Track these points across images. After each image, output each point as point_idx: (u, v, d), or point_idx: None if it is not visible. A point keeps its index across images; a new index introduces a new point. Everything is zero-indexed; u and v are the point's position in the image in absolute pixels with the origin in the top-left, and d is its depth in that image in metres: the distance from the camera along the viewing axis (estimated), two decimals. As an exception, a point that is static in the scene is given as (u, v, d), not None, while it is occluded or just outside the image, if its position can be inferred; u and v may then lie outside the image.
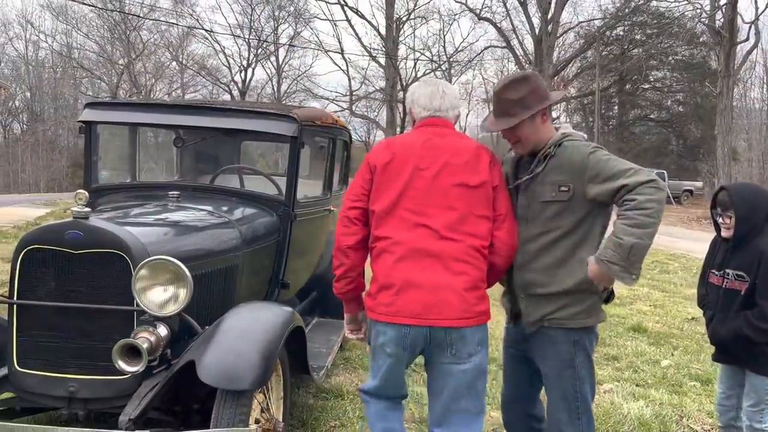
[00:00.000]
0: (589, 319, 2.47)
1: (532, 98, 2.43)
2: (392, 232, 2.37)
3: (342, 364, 4.74)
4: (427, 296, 2.30)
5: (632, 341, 5.77)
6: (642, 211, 2.19)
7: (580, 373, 2.50)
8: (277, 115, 3.70)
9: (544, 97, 2.48)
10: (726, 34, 21.49)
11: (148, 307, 2.52)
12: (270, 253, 3.68)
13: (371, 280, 2.47)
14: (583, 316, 2.45)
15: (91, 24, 40.28)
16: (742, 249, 2.87)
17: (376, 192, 2.43)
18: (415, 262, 2.33)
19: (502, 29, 34.61)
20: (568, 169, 2.40)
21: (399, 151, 2.44)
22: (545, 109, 2.49)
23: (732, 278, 2.90)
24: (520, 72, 2.92)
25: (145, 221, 3.11)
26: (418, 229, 2.35)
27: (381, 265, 2.38)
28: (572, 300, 2.43)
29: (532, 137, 2.48)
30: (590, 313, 2.46)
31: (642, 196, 2.19)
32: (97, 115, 3.74)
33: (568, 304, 2.44)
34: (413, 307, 2.31)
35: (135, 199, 3.62)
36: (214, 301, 3.09)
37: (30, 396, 2.63)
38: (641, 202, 2.19)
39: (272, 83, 42.91)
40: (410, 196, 2.38)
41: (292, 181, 3.70)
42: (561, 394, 2.52)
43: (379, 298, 2.37)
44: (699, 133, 35.65)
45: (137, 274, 2.50)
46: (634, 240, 2.19)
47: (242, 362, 2.39)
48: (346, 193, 2.56)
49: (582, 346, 2.50)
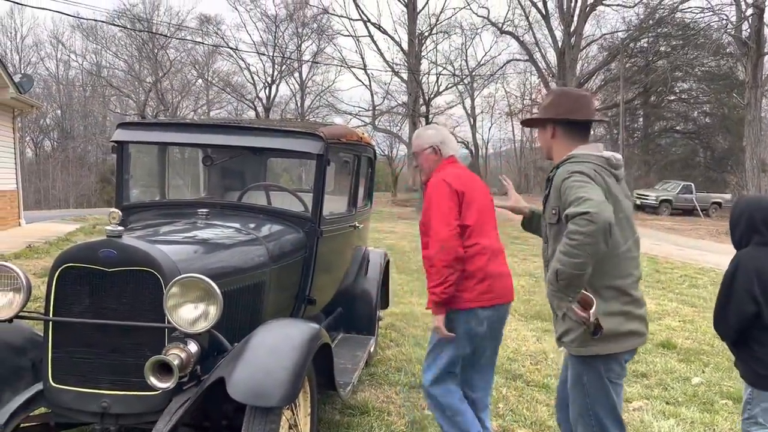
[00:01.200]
0: (584, 349, 2.47)
1: (546, 108, 2.64)
2: (479, 240, 3.13)
3: (368, 380, 4.75)
4: (507, 282, 3.25)
5: (661, 358, 5.68)
6: (568, 240, 2.24)
7: (589, 391, 2.53)
8: (303, 134, 3.76)
9: (553, 111, 2.58)
10: (753, 45, 21.21)
11: (179, 324, 2.56)
12: (297, 270, 3.71)
13: (465, 277, 3.08)
14: (577, 344, 2.48)
15: (120, 43, 41.25)
16: None
17: (465, 211, 3.13)
18: (496, 259, 3.20)
19: (524, 43, 34.60)
20: (556, 193, 2.48)
21: (467, 182, 3.23)
22: (556, 126, 2.59)
23: None
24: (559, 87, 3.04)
25: (176, 239, 3.16)
26: (490, 235, 3.22)
27: (477, 264, 3.10)
28: (571, 325, 2.49)
29: (543, 145, 2.71)
30: (583, 343, 2.45)
31: (573, 225, 2.23)
32: (129, 135, 3.84)
33: (569, 330, 2.51)
34: (505, 291, 3.20)
35: (164, 216, 3.69)
36: (243, 318, 3.13)
37: (64, 411, 2.68)
38: (570, 231, 2.24)
39: (296, 99, 43.41)
40: (482, 212, 3.20)
41: (319, 198, 3.74)
42: (577, 411, 2.60)
43: (478, 288, 3.09)
44: (727, 145, 35.12)
45: (168, 292, 2.54)
46: (558, 266, 2.28)
47: (271, 379, 2.42)
48: (445, 214, 3.06)
49: (591, 367, 2.50)
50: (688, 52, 30.11)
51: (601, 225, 2.17)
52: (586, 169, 2.41)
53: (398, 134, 38.77)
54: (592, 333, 2.39)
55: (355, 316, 4.90)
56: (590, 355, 2.47)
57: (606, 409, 2.53)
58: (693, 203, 28.60)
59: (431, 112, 33.21)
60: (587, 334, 2.41)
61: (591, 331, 2.38)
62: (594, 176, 2.40)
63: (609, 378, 2.51)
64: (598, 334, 2.38)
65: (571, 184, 2.36)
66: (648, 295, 9.12)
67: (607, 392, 2.52)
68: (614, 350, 2.47)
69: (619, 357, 2.52)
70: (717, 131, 36.20)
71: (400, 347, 5.69)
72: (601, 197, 2.27)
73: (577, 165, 2.44)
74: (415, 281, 9.26)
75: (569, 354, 2.59)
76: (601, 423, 2.53)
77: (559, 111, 2.58)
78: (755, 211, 2.92)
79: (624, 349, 2.50)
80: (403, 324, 6.57)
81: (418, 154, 3.41)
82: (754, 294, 2.80)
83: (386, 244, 13.13)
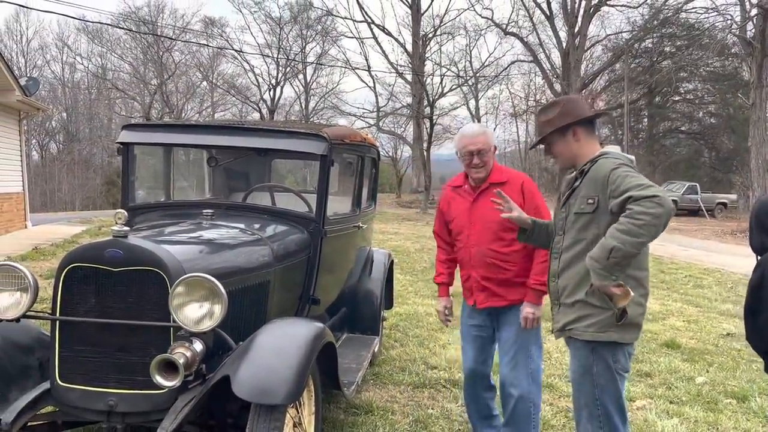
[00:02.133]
0: (602, 334, 2.55)
1: (558, 118, 2.68)
2: None
3: (372, 380, 4.77)
4: None
5: (665, 357, 5.68)
6: (633, 219, 2.29)
7: (598, 381, 2.59)
8: (307, 135, 3.78)
9: (571, 116, 2.66)
10: (758, 45, 21.13)
11: (185, 323, 2.59)
12: (301, 270, 3.74)
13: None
14: (596, 329, 2.55)
15: (125, 46, 41.42)
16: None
17: None
18: None
19: (528, 43, 34.62)
20: (595, 184, 2.55)
21: None
22: (576, 128, 2.67)
23: None
24: (555, 98, 3.07)
25: (181, 239, 3.19)
26: None
27: None
28: (589, 311, 2.57)
29: (566, 153, 2.72)
30: (603, 328, 2.54)
31: (639, 207, 2.29)
32: (134, 137, 3.87)
33: (584, 316, 2.58)
34: None
35: (170, 217, 3.72)
36: (247, 317, 3.16)
37: (71, 410, 2.71)
38: (636, 212, 2.29)
39: (300, 101, 43.51)
40: None
41: (323, 199, 3.77)
42: (583, 401, 2.64)
43: None
44: (732, 145, 35.02)
45: (174, 291, 2.57)
46: (615, 243, 2.31)
47: (276, 377, 2.44)
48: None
49: (601, 357, 2.58)
50: (692, 53, 30.10)
51: (668, 209, 2.27)
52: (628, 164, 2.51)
53: (402, 136, 38.81)
54: (618, 317, 2.45)
55: (360, 317, 4.92)
56: (608, 341, 2.54)
57: (612, 399, 2.59)
58: (698, 204, 28.53)
59: (435, 114, 33.24)
60: (612, 318, 2.48)
61: (618, 315, 2.44)
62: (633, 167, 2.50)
63: (617, 370, 2.58)
64: (623, 320, 2.45)
65: (624, 173, 2.43)
66: (652, 295, 9.10)
67: (615, 382, 2.59)
68: (628, 339, 2.57)
69: (626, 348, 2.60)
70: (722, 131, 36.12)
71: (404, 347, 5.71)
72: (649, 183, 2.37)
73: (617, 161, 2.53)
74: (418, 282, 9.28)
75: (577, 343, 2.64)
76: (607, 412, 2.60)
77: (576, 113, 2.67)
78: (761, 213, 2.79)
79: (633, 339, 2.61)
80: (407, 324, 6.59)
81: (485, 151, 3.30)
82: None
83: (391, 245, 13.15)
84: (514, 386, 3.32)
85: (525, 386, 3.30)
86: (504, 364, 3.37)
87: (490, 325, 3.45)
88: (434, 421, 4.02)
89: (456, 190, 3.49)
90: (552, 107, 2.73)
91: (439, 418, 4.08)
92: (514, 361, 3.33)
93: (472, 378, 3.54)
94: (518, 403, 3.31)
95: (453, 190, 3.52)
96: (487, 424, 3.61)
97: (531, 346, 3.34)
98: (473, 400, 3.60)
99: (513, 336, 3.32)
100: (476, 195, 3.36)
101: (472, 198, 3.37)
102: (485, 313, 3.42)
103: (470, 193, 3.39)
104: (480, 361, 3.50)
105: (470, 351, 3.52)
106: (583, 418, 2.66)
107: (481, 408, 3.60)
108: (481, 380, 3.56)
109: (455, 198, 3.49)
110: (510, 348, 3.34)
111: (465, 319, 3.56)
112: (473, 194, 3.37)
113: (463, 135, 3.36)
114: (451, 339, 6.00)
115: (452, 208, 3.49)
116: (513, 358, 3.33)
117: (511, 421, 3.37)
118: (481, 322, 3.46)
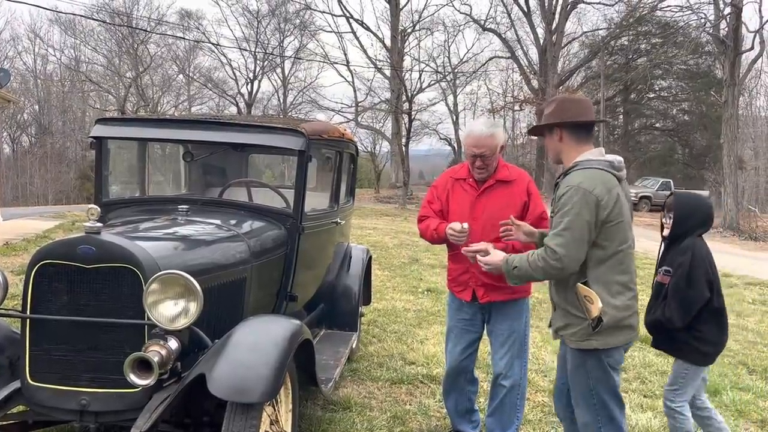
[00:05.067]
0: (584, 343, 2.62)
1: (552, 114, 2.73)
2: None
3: (350, 376, 4.76)
4: None
5: (639, 352, 5.76)
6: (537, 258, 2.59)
7: (591, 374, 2.66)
8: (285, 130, 3.75)
9: (557, 117, 2.70)
10: (731, 44, 21.47)
11: (159, 320, 2.55)
12: (278, 266, 3.71)
13: None
14: (577, 338, 2.64)
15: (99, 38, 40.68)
16: (673, 247, 3.23)
17: None
18: None
19: (506, 40, 34.79)
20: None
21: None
22: (561, 130, 2.70)
23: (662, 273, 3.25)
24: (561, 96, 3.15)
25: (156, 235, 3.14)
26: None
27: None
28: (570, 320, 2.67)
29: (551, 149, 2.80)
30: (583, 337, 2.62)
31: (543, 252, 2.58)
32: (108, 131, 3.80)
33: (568, 324, 2.69)
34: None
35: (145, 213, 3.66)
36: (224, 314, 3.12)
37: (42, 409, 2.66)
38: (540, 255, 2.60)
39: (278, 95, 43.19)
40: None
41: (300, 195, 3.74)
42: (579, 391, 2.72)
43: None
44: (705, 142, 35.63)
45: (148, 288, 2.53)
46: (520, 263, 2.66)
47: (252, 375, 2.42)
48: None
49: (593, 356, 2.64)
50: (667, 50, 30.47)
51: (566, 270, 2.54)
52: (588, 185, 2.53)
53: (381, 131, 38.75)
54: (593, 327, 2.55)
55: (338, 313, 4.90)
56: (590, 348, 2.62)
57: (608, 388, 2.67)
58: (672, 200, 28.89)
59: (414, 109, 33.23)
60: (589, 328, 2.57)
61: (593, 326, 2.55)
62: (592, 192, 2.51)
63: (609, 364, 2.66)
64: (599, 327, 2.54)
65: (563, 205, 2.55)
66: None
67: (608, 374, 2.66)
68: (612, 344, 2.60)
69: (618, 347, 2.64)
70: (695, 129, 36.74)
71: (383, 343, 5.70)
72: (578, 234, 2.50)
73: (581, 175, 2.58)
74: (397, 277, 9.28)
75: (569, 346, 2.72)
76: (603, 400, 2.67)
77: (564, 116, 2.69)
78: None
79: (621, 343, 2.63)
80: (386, 320, 6.58)
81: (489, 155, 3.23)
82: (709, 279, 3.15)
83: (369, 241, 13.12)
84: (507, 378, 3.37)
85: (517, 378, 3.38)
86: (499, 356, 3.41)
87: (480, 319, 3.47)
88: (412, 417, 4.02)
89: (459, 182, 3.43)
90: (550, 103, 2.80)
91: (417, 413, 4.09)
92: (510, 354, 3.37)
93: (456, 373, 3.55)
94: (509, 393, 3.38)
95: (455, 181, 3.45)
96: (467, 419, 3.63)
97: (524, 338, 3.41)
98: (455, 393, 3.61)
99: (508, 329, 3.37)
100: (481, 190, 3.33)
101: (477, 193, 3.34)
102: (476, 308, 3.43)
103: (475, 188, 3.36)
104: (465, 356, 3.52)
105: (457, 346, 3.52)
106: (581, 407, 2.73)
107: (462, 402, 3.62)
108: (465, 374, 3.57)
109: (456, 190, 3.42)
110: (506, 340, 3.38)
111: (453, 313, 3.56)
112: (478, 189, 3.34)
113: (470, 134, 3.28)
114: (428, 335, 6.02)
115: (452, 199, 3.42)
116: (508, 351, 3.38)
117: (497, 410, 3.41)
118: (472, 316, 3.47)
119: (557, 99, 2.80)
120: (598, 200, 2.50)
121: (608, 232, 2.55)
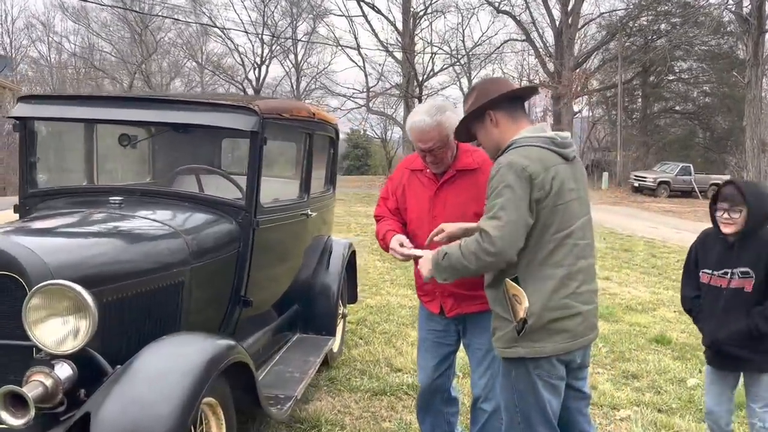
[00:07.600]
0: (509, 350, 2.29)
1: (475, 102, 2.40)
2: None
3: (326, 386, 4.26)
4: None
5: (654, 355, 5.20)
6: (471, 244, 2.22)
7: (516, 387, 2.33)
8: (234, 107, 3.21)
9: (485, 97, 2.38)
10: (754, 22, 20.55)
11: (43, 343, 2.06)
12: (228, 267, 3.19)
13: None
14: (502, 344, 2.32)
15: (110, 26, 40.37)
16: (747, 245, 2.85)
17: None
18: None
19: (521, 22, 33.82)
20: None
21: None
22: (493, 112, 2.38)
23: (737, 276, 2.86)
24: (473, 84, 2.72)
25: (62, 233, 2.62)
26: None
27: None
28: (497, 323, 2.36)
29: (487, 141, 2.45)
30: (508, 342, 2.29)
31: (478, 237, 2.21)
32: (32, 110, 3.28)
33: (495, 328, 2.37)
34: None
35: (73, 206, 3.15)
36: (151, 329, 2.61)
37: None
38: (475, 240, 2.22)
39: (290, 80, 42.61)
40: None
41: (254, 184, 3.21)
42: (504, 404, 2.44)
43: None
44: (727, 125, 34.52)
45: (28, 303, 2.03)
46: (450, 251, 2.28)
47: (147, 415, 1.91)
48: None
49: (519, 364, 2.30)
50: (687, 31, 29.40)
51: (501, 256, 2.17)
52: (521, 161, 2.20)
53: (393, 116, 38.09)
54: (518, 331, 2.24)
55: (313, 315, 4.40)
56: (515, 357, 2.29)
57: (535, 410, 2.31)
58: (691, 185, 28.09)
59: (425, 93, 32.54)
60: (514, 331, 2.25)
61: (518, 329, 2.23)
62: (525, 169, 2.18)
63: (539, 376, 2.29)
64: (523, 331, 2.23)
65: (496, 185, 2.21)
66: (643, 282, 8.63)
67: (536, 392, 2.29)
68: (541, 353, 2.24)
69: (549, 357, 2.26)
70: (717, 111, 35.57)
71: (369, 345, 5.20)
72: (515, 215, 2.16)
73: (514, 153, 2.26)
74: (396, 269, 8.75)
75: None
76: (528, 420, 2.32)
77: (491, 94, 2.38)
78: None
79: (553, 351, 2.23)
80: (376, 318, 6.07)
81: (439, 147, 2.69)
82: None
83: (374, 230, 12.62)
84: (487, 401, 2.87)
85: (499, 400, 2.80)
86: (477, 375, 2.90)
87: (454, 331, 2.94)
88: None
89: (415, 174, 2.90)
90: (470, 93, 2.48)
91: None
92: (489, 372, 2.85)
93: (430, 392, 3.03)
94: (490, 418, 2.87)
95: (412, 173, 2.93)
96: None
97: None
98: (430, 416, 3.09)
99: (486, 344, 2.76)
100: (440, 183, 2.79)
101: (436, 186, 2.79)
102: (448, 319, 2.90)
103: (433, 181, 2.81)
104: (440, 372, 2.99)
105: (429, 361, 3.00)
106: (505, 423, 2.44)
107: (439, 425, 3.10)
108: (441, 393, 3.05)
109: (413, 183, 2.89)
110: (483, 357, 2.85)
111: (423, 322, 3.04)
112: (436, 182, 2.80)
113: (411, 127, 2.70)
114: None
115: (409, 194, 2.90)
116: (488, 369, 2.85)
117: None
118: (444, 327, 2.94)
119: (475, 86, 2.50)
120: (532, 178, 2.18)
121: (543, 216, 2.21)
